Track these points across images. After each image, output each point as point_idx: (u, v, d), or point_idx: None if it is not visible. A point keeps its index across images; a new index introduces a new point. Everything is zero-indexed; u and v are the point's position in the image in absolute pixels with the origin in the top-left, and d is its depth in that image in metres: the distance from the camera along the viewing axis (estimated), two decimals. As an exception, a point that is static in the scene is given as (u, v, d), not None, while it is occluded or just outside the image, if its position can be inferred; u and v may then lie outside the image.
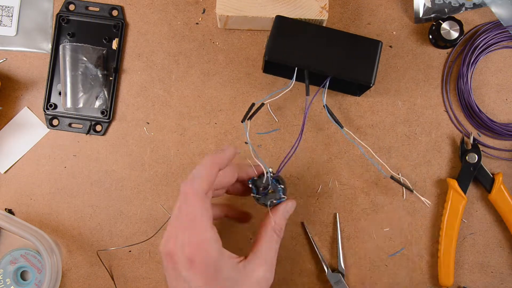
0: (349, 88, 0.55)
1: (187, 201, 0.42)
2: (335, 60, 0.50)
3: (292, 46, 0.50)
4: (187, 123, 0.56)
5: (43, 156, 0.56)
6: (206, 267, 0.40)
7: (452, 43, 0.55)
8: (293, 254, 0.55)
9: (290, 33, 0.50)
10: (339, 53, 0.50)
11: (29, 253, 0.54)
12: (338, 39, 0.50)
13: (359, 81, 0.50)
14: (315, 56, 0.50)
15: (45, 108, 0.56)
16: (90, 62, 0.55)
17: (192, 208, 0.41)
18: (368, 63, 0.50)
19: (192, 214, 0.41)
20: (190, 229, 0.41)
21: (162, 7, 0.57)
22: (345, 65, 0.49)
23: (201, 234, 0.41)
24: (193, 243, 0.41)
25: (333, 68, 0.50)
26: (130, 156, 0.56)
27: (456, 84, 0.56)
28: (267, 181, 0.45)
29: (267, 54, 0.50)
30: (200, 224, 0.41)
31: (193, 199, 0.41)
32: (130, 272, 0.55)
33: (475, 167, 0.55)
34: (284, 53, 0.50)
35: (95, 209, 0.56)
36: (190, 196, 0.41)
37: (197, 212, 0.41)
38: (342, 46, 0.50)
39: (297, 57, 0.50)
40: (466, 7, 0.57)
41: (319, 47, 0.50)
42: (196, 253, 0.40)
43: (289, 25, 0.50)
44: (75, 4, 0.57)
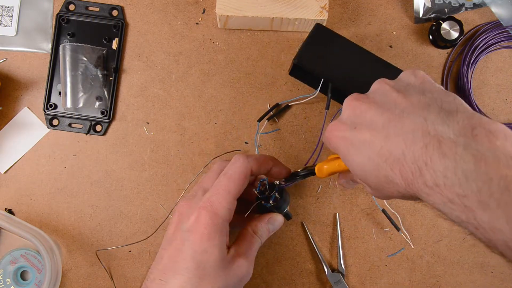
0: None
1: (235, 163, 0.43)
2: (362, 81, 0.49)
3: (324, 56, 0.50)
4: (187, 123, 0.56)
5: (43, 156, 0.56)
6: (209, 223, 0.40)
7: (452, 43, 0.55)
8: (293, 254, 0.55)
9: (325, 44, 0.50)
10: (367, 75, 0.50)
11: (29, 253, 0.54)
12: (370, 61, 0.50)
13: None
14: (343, 72, 0.50)
15: (45, 108, 0.56)
16: (90, 62, 0.55)
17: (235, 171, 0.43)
18: None
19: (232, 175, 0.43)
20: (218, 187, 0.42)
21: (162, 7, 0.57)
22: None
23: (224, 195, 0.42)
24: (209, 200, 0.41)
25: (357, 88, 0.49)
26: (130, 156, 0.56)
27: (456, 84, 0.57)
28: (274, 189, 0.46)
29: (298, 58, 0.50)
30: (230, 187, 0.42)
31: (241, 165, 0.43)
32: (130, 272, 0.55)
33: None
34: (314, 61, 0.50)
35: (95, 209, 0.56)
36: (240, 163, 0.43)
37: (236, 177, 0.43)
38: (371, 68, 0.50)
39: (326, 68, 0.50)
40: (466, 7, 0.57)
41: (349, 65, 0.50)
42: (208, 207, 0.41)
43: (326, 35, 0.50)
44: (75, 4, 0.57)
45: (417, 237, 0.55)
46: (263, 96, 0.56)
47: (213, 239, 0.40)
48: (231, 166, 0.43)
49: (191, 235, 0.40)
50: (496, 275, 0.55)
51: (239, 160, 0.43)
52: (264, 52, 0.57)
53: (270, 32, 0.57)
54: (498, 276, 0.55)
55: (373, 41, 0.57)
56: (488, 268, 0.55)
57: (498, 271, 0.55)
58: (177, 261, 0.41)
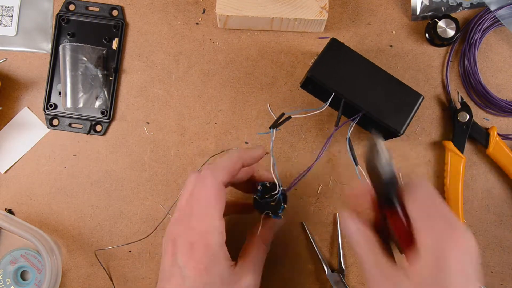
0: (375, 129, 0.54)
1: (204, 186, 0.41)
2: (374, 98, 0.49)
3: (337, 71, 0.49)
4: (187, 123, 0.56)
5: (43, 156, 0.56)
6: (203, 257, 0.40)
7: (449, 41, 0.55)
8: (293, 254, 0.55)
9: (339, 59, 0.50)
10: (380, 93, 0.49)
11: (29, 253, 0.54)
12: (383, 79, 0.50)
13: (390, 126, 0.49)
14: (355, 88, 0.49)
15: (45, 108, 0.56)
16: (90, 62, 0.55)
17: (207, 194, 0.41)
18: (404, 112, 0.49)
19: (206, 200, 0.41)
20: (199, 215, 0.41)
21: (162, 7, 0.57)
22: (381, 107, 0.49)
23: (209, 222, 0.40)
24: (198, 229, 0.40)
25: (369, 105, 0.49)
26: (130, 156, 0.56)
27: (462, 81, 0.57)
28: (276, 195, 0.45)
29: (311, 71, 0.49)
30: (211, 212, 0.41)
31: (211, 186, 0.41)
32: (130, 272, 0.55)
33: (467, 125, 0.55)
34: (327, 76, 0.49)
35: (95, 209, 0.56)
36: (209, 182, 0.41)
37: (211, 200, 0.41)
38: (384, 87, 0.49)
39: (338, 83, 0.49)
40: (463, 6, 0.57)
41: (362, 81, 0.49)
42: (199, 240, 0.40)
43: (341, 51, 0.50)
44: (75, 4, 0.57)
45: (417, 237, 0.55)
46: (263, 96, 0.56)
47: (211, 271, 0.40)
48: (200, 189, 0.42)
49: (189, 271, 0.40)
50: (496, 275, 0.55)
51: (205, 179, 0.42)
52: (264, 52, 0.57)
53: (270, 32, 0.57)
54: (498, 276, 0.55)
55: (373, 41, 0.57)
56: (488, 268, 0.55)
57: (498, 271, 0.55)
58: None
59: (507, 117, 0.57)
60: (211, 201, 0.41)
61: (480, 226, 0.56)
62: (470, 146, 0.56)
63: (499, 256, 0.56)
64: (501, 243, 0.56)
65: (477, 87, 0.56)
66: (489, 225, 0.56)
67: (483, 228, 0.56)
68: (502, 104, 0.56)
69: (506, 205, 0.56)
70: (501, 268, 0.55)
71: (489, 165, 0.56)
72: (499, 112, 0.56)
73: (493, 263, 0.55)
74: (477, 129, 0.55)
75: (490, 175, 0.56)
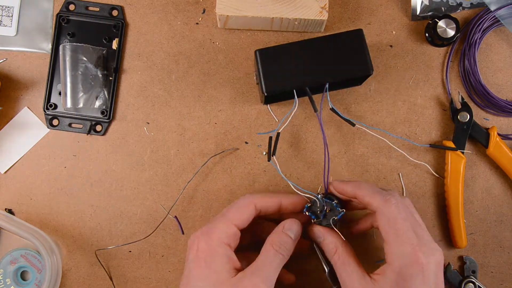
0: (350, 82, 0.55)
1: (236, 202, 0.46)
2: (328, 65, 0.49)
3: (283, 71, 0.49)
4: (187, 123, 0.56)
5: (43, 156, 0.56)
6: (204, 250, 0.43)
7: (449, 41, 0.55)
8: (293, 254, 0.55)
9: (275, 61, 0.49)
10: (329, 57, 0.49)
11: (29, 253, 0.54)
12: (321, 45, 0.50)
13: (359, 75, 0.50)
14: (308, 71, 0.49)
15: (45, 108, 0.56)
16: (90, 62, 0.55)
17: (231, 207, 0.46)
18: (359, 54, 0.49)
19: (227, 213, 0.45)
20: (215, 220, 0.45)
21: (162, 7, 0.57)
22: (339, 66, 0.49)
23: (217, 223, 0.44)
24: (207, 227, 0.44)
25: (329, 74, 0.49)
26: (130, 156, 0.56)
27: (462, 81, 0.57)
28: (321, 204, 0.47)
29: (265, 89, 0.49)
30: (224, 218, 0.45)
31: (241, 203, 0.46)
32: (130, 272, 0.55)
33: (468, 125, 0.55)
34: (279, 82, 0.49)
35: (95, 209, 0.56)
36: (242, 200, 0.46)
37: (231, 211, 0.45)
38: (328, 50, 0.50)
39: (292, 79, 0.49)
40: (463, 6, 0.57)
41: (307, 61, 0.50)
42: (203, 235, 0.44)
43: (271, 54, 0.50)
44: (75, 4, 0.57)
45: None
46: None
47: (210, 265, 0.42)
48: (235, 201, 0.46)
49: (192, 264, 0.43)
50: (496, 275, 0.55)
51: (243, 196, 0.47)
52: (264, 52, 0.57)
53: (270, 32, 0.57)
54: (498, 276, 0.55)
55: (373, 41, 0.57)
56: (488, 268, 0.55)
57: (498, 271, 0.55)
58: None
59: (507, 117, 0.57)
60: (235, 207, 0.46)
61: (480, 226, 0.56)
62: (470, 146, 0.56)
63: (499, 256, 0.56)
64: (501, 243, 0.56)
65: (477, 87, 0.56)
66: (489, 225, 0.56)
67: (483, 228, 0.56)
68: (502, 104, 0.56)
69: (506, 205, 0.56)
70: (501, 268, 0.55)
71: (489, 165, 0.56)
72: (499, 112, 0.56)
73: (493, 263, 0.55)
74: (477, 129, 0.55)
75: (490, 175, 0.56)
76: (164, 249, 0.55)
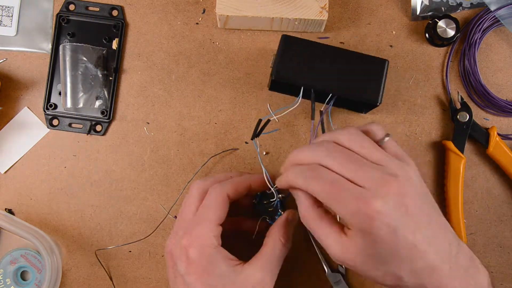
0: (356, 106, 0.55)
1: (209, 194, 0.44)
2: (342, 79, 0.49)
3: (299, 65, 0.49)
4: (187, 123, 0.56)
5: (43, 156, 0.56)
6: (200, 259, 0.41)
7: (449, 41, 0.55)
8: (293, 254, 0.55)
9: (297, 52, 0.49)
10: (346, 72, 0.49)
11: (29, 253, 0.54)
12: (345, 58, 0.50)
13: (366, 100, 0.49)
14: (322, 75, 0.49)
15: (45, 108, 0.56)
16: (90, 62, 0.55)
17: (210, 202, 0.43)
18: (375, 82, 0.49)
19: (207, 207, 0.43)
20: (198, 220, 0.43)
21: (162, 7, 0.57)
22: (352, 84, 0.49)
23: (204, 226, 0.42)
24: (193, 234, 0.42)
25: (339, 87, 0.49)
26: (130, 156, 0.56)
27: (462, 81, 0.57)
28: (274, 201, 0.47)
29: (275, 74, 0.49)
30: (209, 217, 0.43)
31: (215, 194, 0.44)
32: (130, 272, 0.55)
33: (467, 125, 0.55)
34: (291, 73, 0.49)
35: (95, 209, 0.56)
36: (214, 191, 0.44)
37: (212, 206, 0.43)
38: (349, 65, 0.49)
39: (304, 76, 0.49)
40: (463, 6, 0.57)
41: (325, 66, 0.49)
42: (193, 242, 0.41)
43: (296, 44, 0.50)
44: (75, 4, 0.57)
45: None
46: (263, 96, 0.56)
47: (213, 272, 0.41)
48: (207, 197, 0.44)
49: (190, 277, 0.41)
50: (496, 275, 0.55)
51: (214, 189, 0.44)
52: (264, 52, 0.57)
53: (270, 32, 0.57)
54: (498, 276, 0.55)
55: (373, 41, 0.57)
56: (488, 268, 0.55)
57: (498, 271, 0.55)
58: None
59: (507, 117, 0.57)
60: (213, 206, 0.43)
61: (480, 226, 0.56)
62: (470, 146, 0.56)
63: (499, 256, 0.56)
64: (501, 243, 0.56)
65: (477, 87, 0.56)
66: (489, 225, 0.56)
67: (483, 228, 0.56)
68: (502, 104, 0.56)
69: (506, 205, 0.56)
70: (501, 268, 0.55)
71: (489, 165, 0.56)
72: (499, 112, 0.56)
73: (493, 263, 0.55)
74: (477, 129, 0.55)
75: (490, 175, 0.56)
76: (164, 249, 0.55)
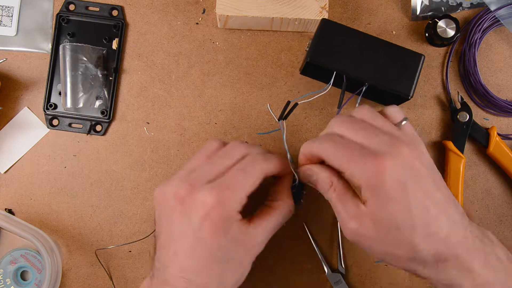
0: (385, 99, 0.54)
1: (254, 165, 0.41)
2: (376, 68, 0.49)
3: (335, 50, 0.49)
4: (187, 123, 0.56)
5: (43, 156, 0.56)
6: (219, 221, 0.39)
7: (449, 41, 0.55)
8: (293, 254, 0.55)
9: (334, 37, 0.49)
10: (381, 62, 0.49)
11: (29, 253, 0.54)
12: (381, 48, 0.49)
13: (398, 92, 0.49)
14: (356, 63, 0.49)
15: (45, 108, 0.56)
16: (90, 62, 0.55)
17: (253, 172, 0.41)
18: (409, 75, 0.49)
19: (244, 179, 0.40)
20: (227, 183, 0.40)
21: (162, 7, 0.57)
22: (385, 75, 0.49)
23: (235, 193, 0.40)
24: (221, 195, 0.39)
25: (373, 76, 0.49)
26: (130, 156, 0.56)
27: (462, 81, 0.57)
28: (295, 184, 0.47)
29: (310, 56, 0.49)
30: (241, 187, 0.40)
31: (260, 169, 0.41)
32: (130, 272, 0.55)
33: (467, 125, 0.55)
34: (325, 57, 0.49)
35: (95, 209, 0.56)
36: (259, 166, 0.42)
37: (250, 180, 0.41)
38: (384, 55, 0.49)
39: (339, 61, 0.49)
40: (463, 6, 0.57)
41: (360, 54, 0.49)
42: (218, 206, 0.39)
43: (334, 29, 0.49)
44: (75, 4, 0.57)
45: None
46: (263, 96, 0.56)
47: (227, 233, 0.39)
48: (252, 164, 0.42)
49: (205, 233, 0.39)
50: (496, 275, 0.55)
51: (260, 162, 0.42)
52: (264, 52, 0.57)
53: (270, 32, 0.57)
54: (498, 276, 0.55)
55: (373, 41, 0.57)
56: (488, 268, 0.55)
57: (498, 271, 0.55)
58: (197, 260, 0.40)
59: (507, 117, 0.57)
60: (253, 178, 0.41)
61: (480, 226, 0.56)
62: (470, 146, 0.56)
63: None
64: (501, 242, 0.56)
65: (477, 87, 0.56)
66: (489, 225, 0.56)
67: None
68: (502, 104, 0.56)
69: (506, 205, 0.56)
70: (501, 268, 0.55)
71: (489, 165, 0.56)
72: (499, 112, 0.56)
73: (493, 263, 0.55)
74: (477, 129, 0.55)
75: (490, 175, 0.56)
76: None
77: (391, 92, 0.49)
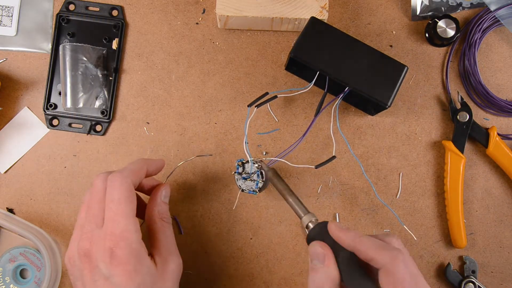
0: (365, 105, 0.55)
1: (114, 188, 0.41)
2: (359, 74, 0.49)
3: (319, 50, 0.50)
4: (187, 123, 0.56)
5: (43, 156, 0.56)
6: (129, 258, 0.39)
7: (449, 41, 0.55)
8: (293, 254, 0.55)
9: (320, 37, 0.50)
10: (364, 68, 0.49)
11: (28, 251, 0.54)
12: (367, 54, 0.50)
13: (376, 99, 0.49)
14: (340, 65, 0.49)
15: (45, 108, 0.56)
16: (90, 62, 0.55)
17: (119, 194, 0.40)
18: (390, 85, 0.49)
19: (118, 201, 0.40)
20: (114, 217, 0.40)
21: (162, 7, 0.57)
22: (367, 82, 0.49)
23: (125, 222, 0.40)
24: (115, 232, 0.39)
25: (354, 81, 0.49)
26: (130, 156, 0.56)
27: (462, 81, 0.57)
28: (250, 168, 0.49)
29: (293, 51, 0.49)
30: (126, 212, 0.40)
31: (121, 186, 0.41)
32: (130, 272, 0.55)
33: (467, 125, 0.55)
34: (310, 55, 0.49)
35: (95, 209, 0.56)
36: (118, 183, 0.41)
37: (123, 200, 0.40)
38: (368, 62, 0.50)
39: (322, 62, 0.49)
40: (463, 6, 0.57)
41: (345, 57, 0.50)
42: (118, 243, 0.39)
43: (321, 29, 0.50)
44: (75, 4, 0.57)
45: (417, 237, 0.55)
46: (263, 96, 0.56)
47: (140, 270, 0.39)
48: (112, 190, 0.41)
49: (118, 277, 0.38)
50: (496, 275, 0.55)
51: (116, 180, 0.41)
52: (264, 52, 0.57)
53: (270, 32, 0.57)
54: (498, 276, 0.55)
55: (373, 41, 0.57)
56: (488, 268, 0.55)
57: (498, 271, 0.55)
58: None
59: (507, 117, 0.57)
60: (124, 199, 0.40)
61: (480, 226, 0.56)
62: (470, 146, 0.56)
63: (499, 256, 0.56)
64: (501, 243, 0.56)
65: (477, 87, 0.56)
66: (489, 225, 0.56)
67: (483, 228, 0.56)
68: (502, 104, 0.56)
69: (506, 205, 0.56)
70: (501, 268, 0.55)
71: (489, 165, 0.56)
72: (499, 112, 0.56)
73: (493, 263, 0.55)
74: (477, 129, 0.55)
75: (490, 175, 0.56)
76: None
77: (370, 99, 0.49)
